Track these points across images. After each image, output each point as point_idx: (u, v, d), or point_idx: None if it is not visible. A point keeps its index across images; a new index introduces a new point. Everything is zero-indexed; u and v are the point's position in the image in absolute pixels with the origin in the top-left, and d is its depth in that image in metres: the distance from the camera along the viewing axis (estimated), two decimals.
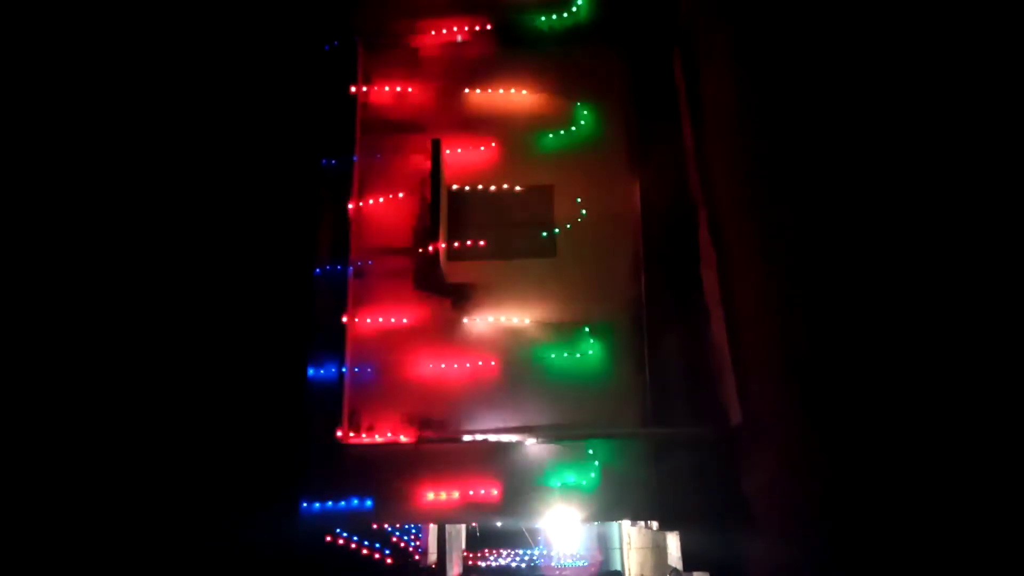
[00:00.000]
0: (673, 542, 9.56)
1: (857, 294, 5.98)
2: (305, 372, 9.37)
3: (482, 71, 10.43)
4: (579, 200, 9.95)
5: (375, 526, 10.30)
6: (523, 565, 14.52)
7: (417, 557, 12.67)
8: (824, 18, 6.61)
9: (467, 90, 10.35)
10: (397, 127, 10.31)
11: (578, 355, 9.40)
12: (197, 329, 13.40)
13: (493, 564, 14.46)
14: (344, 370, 9.22)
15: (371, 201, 10.01)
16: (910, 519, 5.28)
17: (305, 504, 8.97)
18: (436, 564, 12.80)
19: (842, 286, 6.23)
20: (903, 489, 5.37)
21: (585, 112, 10.21)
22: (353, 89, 10.28)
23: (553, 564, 14.81)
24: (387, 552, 10.64)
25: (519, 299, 9.62)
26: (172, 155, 13.71)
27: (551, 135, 10.18)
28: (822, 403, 6.61)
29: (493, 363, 9.39)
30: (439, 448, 9.04)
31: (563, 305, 9.58)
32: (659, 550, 11.80)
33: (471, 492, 8.96)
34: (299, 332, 9.62)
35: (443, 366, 9.41)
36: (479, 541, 14.79)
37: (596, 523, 14.58)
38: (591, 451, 9.06)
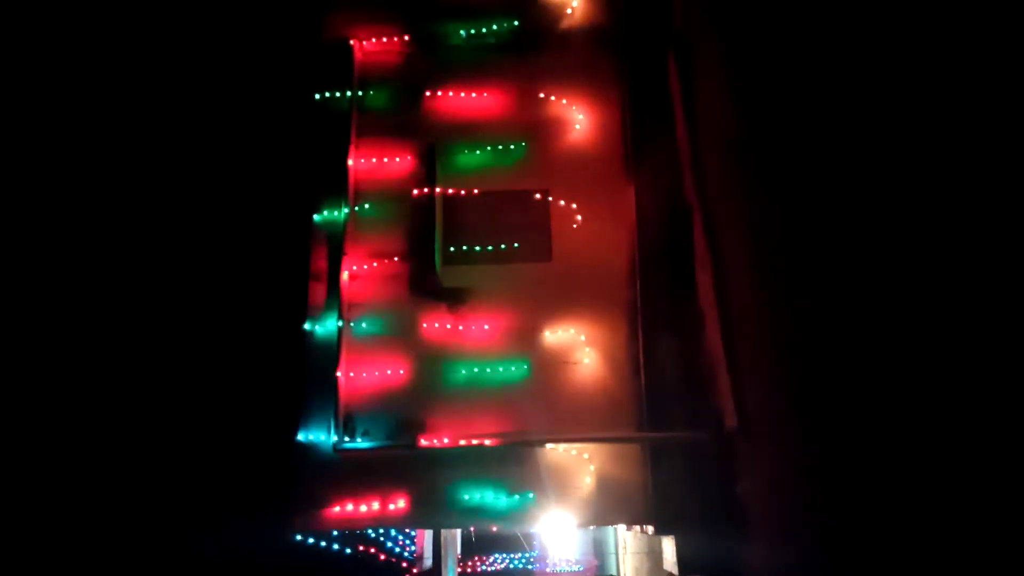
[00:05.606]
0: (669, 547, 9.53)
1: (851, 298, 5.99)
2: (300, 378, 9.34)
3: (477, 75, 10.43)
4: (575, 205, 9.95)
5: (370, 532, 10.26)
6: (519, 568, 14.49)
7: (412, 562, 12.62)
8: (817, 23, 6.64)
9: (462, 94, 10.35)
10: (392, 131, 10.29)
11: (573, 360, 9.39)
12: (190, 334, 13.38)
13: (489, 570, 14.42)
14: (339, 375, 9.19)
15: (366, 205, 9.99)
16: (906, 522, 5.28)
17: (300, 510, 8.92)
18: (431, 569, 12.76)
19: (836, 290, 6.24)
20: (898, 492, 5.37)
21: (580, 117, 10.21)
22: (348, 93, 10.27)
23: (548, 569, 14.77)
24: (382, 558, 10.60)
25: (515, 304, 9.61)
26: (163, 161, 13.70)
27: (546, 139, 10.18)
28: (817, 406, 6.62)
29: (488, 369, 9.37)
30: (434, 453, 9.01)
31: (559, 309, 9.57)
32: (655, 555, 11.78)
33: (466, 497, 8.93)
34: (292, 339, 9.58)
35: (438, 371, 9.39)
36: (475, 546, 14.74)
37: (592, 528, 14.56)
38: (586, 455, 9.05)
